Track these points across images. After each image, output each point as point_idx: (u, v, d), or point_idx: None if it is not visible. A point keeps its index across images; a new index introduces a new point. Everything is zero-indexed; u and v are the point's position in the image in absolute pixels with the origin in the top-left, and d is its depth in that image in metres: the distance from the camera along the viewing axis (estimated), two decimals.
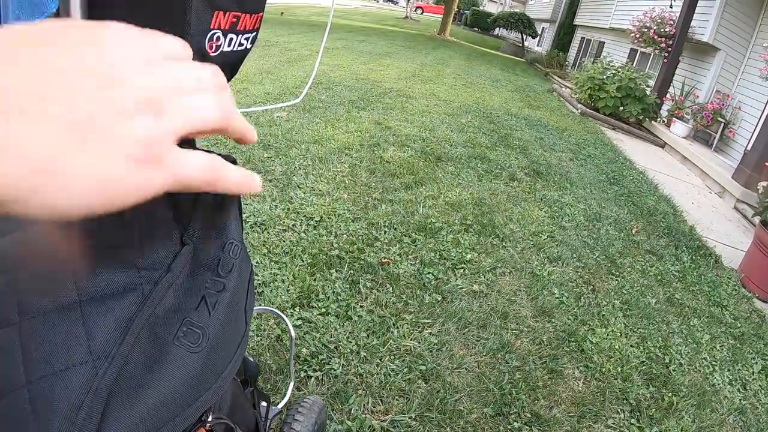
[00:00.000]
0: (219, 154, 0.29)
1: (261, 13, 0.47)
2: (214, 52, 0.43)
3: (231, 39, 0.44)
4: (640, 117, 7.75)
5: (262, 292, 2.04)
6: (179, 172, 0.24)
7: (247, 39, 0.47)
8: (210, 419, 0.46)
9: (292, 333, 0.92)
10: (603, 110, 7.91)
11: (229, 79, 0.50)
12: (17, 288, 0.33)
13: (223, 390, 0.38)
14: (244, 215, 2.57)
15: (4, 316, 0.31)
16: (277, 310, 0.91)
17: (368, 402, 1.63)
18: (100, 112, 0.20)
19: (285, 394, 0.99)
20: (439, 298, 2.26)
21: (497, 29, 27.86)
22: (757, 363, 2.47)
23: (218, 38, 0.42)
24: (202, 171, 0.25)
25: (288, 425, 1.02)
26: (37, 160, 0.19)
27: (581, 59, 12.91)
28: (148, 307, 0.34)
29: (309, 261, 2.30)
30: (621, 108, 7.74)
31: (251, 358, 0.71)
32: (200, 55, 0.42)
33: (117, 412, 0.30)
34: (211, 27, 0.41)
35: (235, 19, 0.43)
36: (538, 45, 21.27)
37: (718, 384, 2.23)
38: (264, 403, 0.80)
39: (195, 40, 0.40)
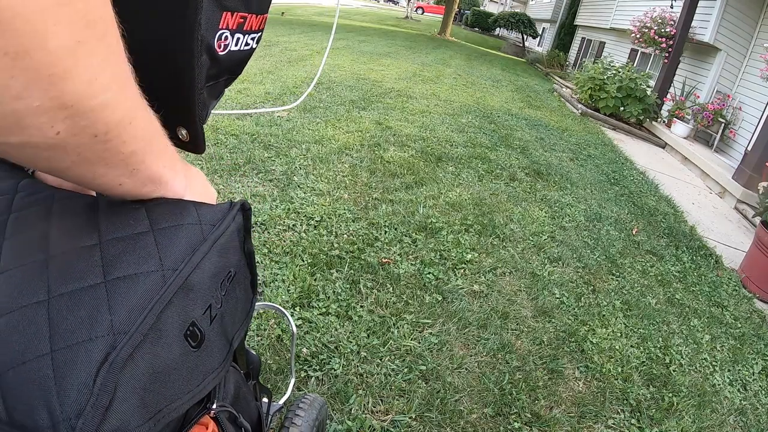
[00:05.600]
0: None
1: (266, 14, 0.49)
2: (222, 51, 0.44)
3: (238, 39, 0.46)
4: (641, 117, 7.76)
5: (263, 291, 2.05)
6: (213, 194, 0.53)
7: (253, 39, 0.49)
8: (214, 407, 0.48)
9: (294, 329, 0.92)
10: (603, 110, 7.91)
11: (235, 77, 0.52)
12: (48, 269, 0.36)
13: (203, 394, 0.41)
14: None
15: (34, 294, 0.34)
16: (277, 306, 0.91)
17: (368, 402, 1.63)
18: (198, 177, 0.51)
19: (286, 392, 1.00)
20: (440, 298, 2.26)
21: (498, 29, 27.93)
22: (757, 363, 2.48)
23: (226, 38, 0.44)
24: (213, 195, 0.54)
25: (289, 420, 1.03)
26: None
27: (582, 59, 12.91)
28: (169, 291, 0.37)
29: (309, 261, 2.31)
30: (621, 108, 7.74)
31: (253, 352, 0.72)
32: (209, 54, 0.43)
33: (127, 385, 0.32)
34: (220, 27, 0.43)
35: (242, 20, 0.45)
36: (538, 45, 21.30)
37: (719, 384, 2.23)
38: (265, 399, 0.81)
39: (205, 39, 0.42)
